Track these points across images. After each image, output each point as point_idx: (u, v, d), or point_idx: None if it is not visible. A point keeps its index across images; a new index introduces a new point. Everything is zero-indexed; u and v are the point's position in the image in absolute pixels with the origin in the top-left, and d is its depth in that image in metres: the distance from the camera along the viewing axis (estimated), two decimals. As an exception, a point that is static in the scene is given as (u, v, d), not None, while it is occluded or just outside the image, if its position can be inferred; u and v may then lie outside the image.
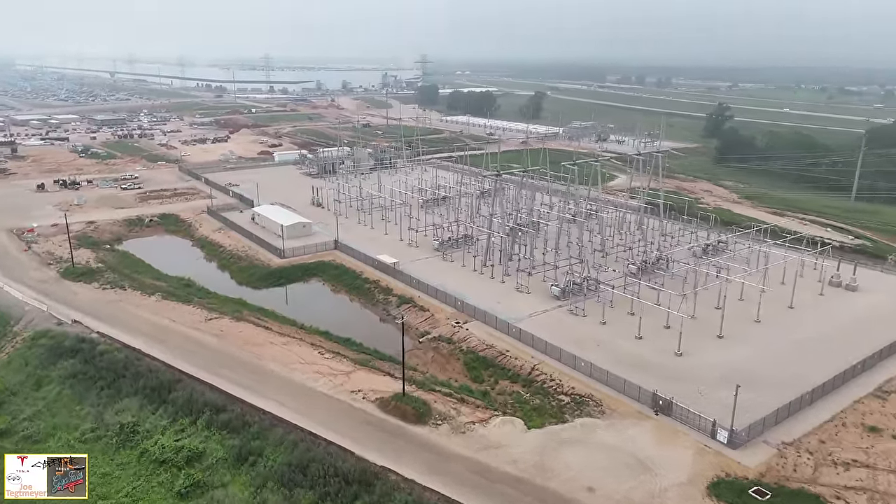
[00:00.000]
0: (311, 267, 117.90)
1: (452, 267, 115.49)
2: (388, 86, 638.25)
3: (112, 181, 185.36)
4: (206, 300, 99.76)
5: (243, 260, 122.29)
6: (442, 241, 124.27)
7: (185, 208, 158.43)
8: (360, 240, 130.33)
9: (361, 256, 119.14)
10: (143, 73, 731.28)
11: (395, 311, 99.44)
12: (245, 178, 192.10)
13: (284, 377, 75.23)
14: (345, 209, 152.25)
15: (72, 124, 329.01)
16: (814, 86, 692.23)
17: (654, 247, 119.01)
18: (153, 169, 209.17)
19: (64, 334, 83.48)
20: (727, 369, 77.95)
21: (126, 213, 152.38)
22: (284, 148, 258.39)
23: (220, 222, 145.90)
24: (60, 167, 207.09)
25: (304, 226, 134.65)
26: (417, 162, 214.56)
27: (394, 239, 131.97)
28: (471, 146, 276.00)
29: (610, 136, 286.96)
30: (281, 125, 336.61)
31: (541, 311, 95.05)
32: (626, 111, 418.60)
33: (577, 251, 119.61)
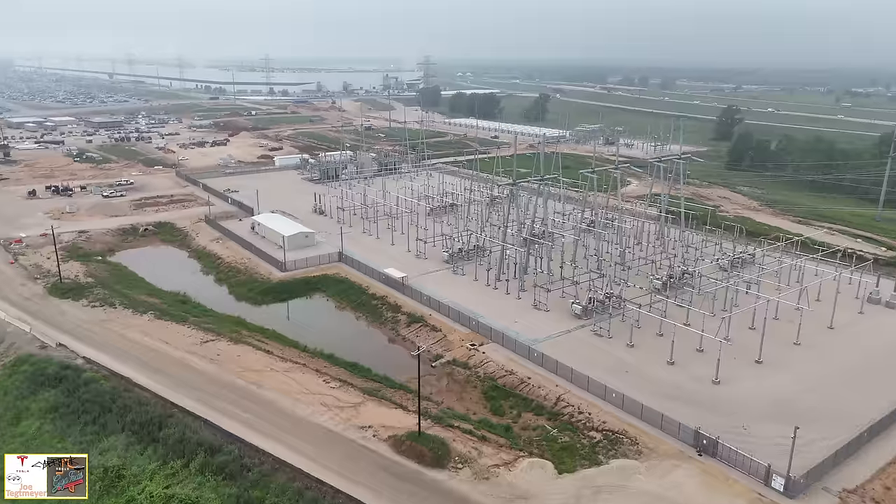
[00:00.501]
0: (314, 281, 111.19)
1: (464, 281, 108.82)
2: (390, 87, 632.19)
3: (107, 187, 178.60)
4: (202, 319, 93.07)
5: (242, 273, 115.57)
6: (452, 253, 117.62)
7: (181, 216, 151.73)
8: (366, 251, 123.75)
9: (367, 270, 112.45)
10: (141, 75, 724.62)
11: (405, 330, 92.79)
12: (244, 183, 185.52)
13: (287, 410, 68.48)
14: (349, 217, 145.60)
15: (68, 127, 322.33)
16: (819, 88, 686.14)
17: (678, 260, 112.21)
18: (149, 174, 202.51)
19: (47, 360, 76.73)
20: (770, 400, 71.44)
21: (120, 222, 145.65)
22: (285, 152, 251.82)
23: (219, 232, 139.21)
24: (54, 172, 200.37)
25: (306, 236, 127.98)
26: (422, 167, 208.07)
27: (401, 250, 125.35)
28: (477, 150, 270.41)
29: (619, 140, 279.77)
30: (281, 128, 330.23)
31: (562, 332, 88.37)
32: (631, 113, 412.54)
33: (597, 264, 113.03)
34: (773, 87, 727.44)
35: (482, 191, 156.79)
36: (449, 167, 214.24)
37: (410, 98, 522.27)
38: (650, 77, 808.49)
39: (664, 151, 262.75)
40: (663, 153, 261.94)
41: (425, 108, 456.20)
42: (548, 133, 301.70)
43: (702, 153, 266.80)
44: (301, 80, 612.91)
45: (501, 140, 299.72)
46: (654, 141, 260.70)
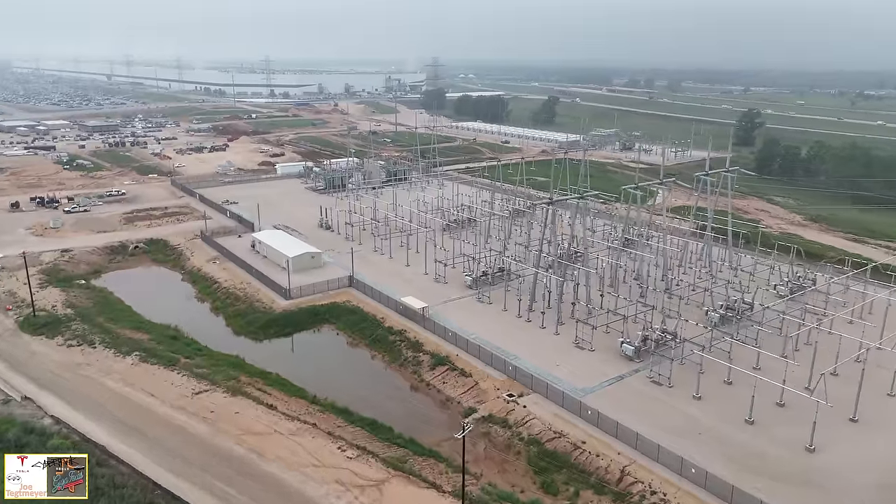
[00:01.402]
0: (322, 311, 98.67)
1: (491, 311, 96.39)
2: (392, 89, 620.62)
3: (96, 198, 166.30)
4: (195, 361, 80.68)
5: (241, 301, 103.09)
6: (476, 278, 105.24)
7: (176, 232, 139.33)
8: (379, 274, 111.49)
9: (382, 297, 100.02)
10: (140, 76, 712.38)
11: (429, 374, 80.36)
12: (244, 193, 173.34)
13: (294, 492, 56.05)
14: (358, 233, 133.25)
15: (61, 131, 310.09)
16: (829, 90, 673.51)
17: (733, 286, 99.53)
18: (143, 183, 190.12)
19: (8, 421, 64.26)
20: (880, 472, 59.21)
21: (108, 239, 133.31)
22: (287, 158, 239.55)
23: (216, 250, 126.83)
24: (41, 181, 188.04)
25: (312, 257, 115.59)
26: (434, 175, 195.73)
27: (417, 272, 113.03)
28: (498, 160, 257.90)
29: (635, 145, 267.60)
30: (283, 132, 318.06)
31: (613, 379, 75.98)
32: (642, 117, 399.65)
33: (640, 291, 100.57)
34: (782, 89, 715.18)
35: (502, 203, 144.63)
36: (461, 175, 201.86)
37: (414, 101, 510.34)
38: (655, 79, 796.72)
39: (686, 157, 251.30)
40: (685, 159, 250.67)
41: (430, 110, 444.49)
42: (561, 138, 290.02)
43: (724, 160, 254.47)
44: (301, 81, 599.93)
45: (512, 145, 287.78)
46: (675, 146, 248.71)
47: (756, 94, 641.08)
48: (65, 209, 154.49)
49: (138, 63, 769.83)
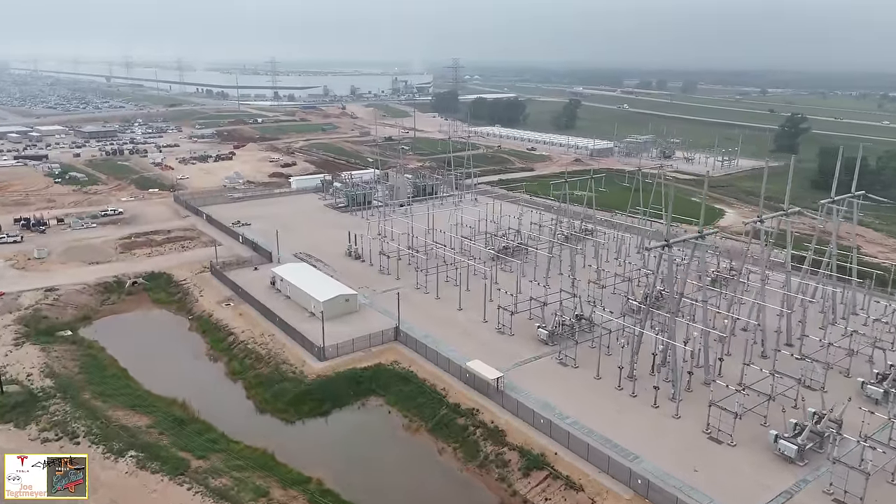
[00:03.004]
0: (365, 377, 78.58)
1: (581, 380, 76.44)
2: (399, 91, 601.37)
3: (90, 219, 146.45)
4: (211, 462, 60.81)
5: (264, 361, 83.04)
6: (552, 331, 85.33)
7: (180, 262, 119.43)
8: (428, 321, 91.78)
9: (441, 360, 79.98)
10: (139, 78, 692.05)
11: (522, 484, 60.28)
12: (256, 212, 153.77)
13: None
14: (395, 266, 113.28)
15: (55, 137, 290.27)
16: (851, 92, 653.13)
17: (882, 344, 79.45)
18: (143, 199, 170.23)
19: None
20: None
21: (101, 272, 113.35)
22: (300, 168, 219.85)
23: (228, 287, 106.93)
24: (29, 197, 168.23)
25: (346, 300, 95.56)
26: (467, 189, 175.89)
27: (473, 318, 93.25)
28: (518, 165, 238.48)
29: (675, 153, 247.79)
30: (291, 138, 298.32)
31: (781, 496, 56.05)
32: (667, 120, 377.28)
33: (770, 353, 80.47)
34: (799, 90, 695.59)
35: (556, 225, 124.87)
36: (493, 188, 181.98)
37: (425, 103, 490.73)
38: (668, 80, 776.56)
39: (734, 167, 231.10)
40: (733, 169, 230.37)
41: (442, 114, 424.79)
42: (592, 145, 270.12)
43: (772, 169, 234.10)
44: (306, 83, 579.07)
45: (539, 152, 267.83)
46: (722, 155, 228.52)
47: (775, 97, 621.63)
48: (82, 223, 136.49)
49: (138, 64, 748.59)
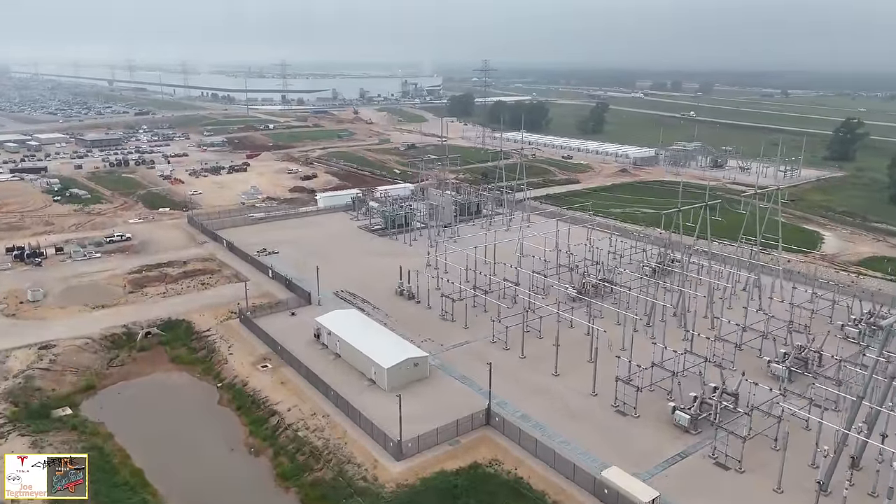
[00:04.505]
0: (461, 488, 58.24)
1: (750, 489, 57.07)
2: (409, 94, 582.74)
3: (93, 246, 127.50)
4: None
5: (322, 459, 63.42)
6: (695, 415, 65.88)
7: (201, 304, 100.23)
8: (520, 393, 72.94)
9: (559, 462, 60.35)
10: (142, 81, 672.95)
11: None
12: (283, 236, 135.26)
13: None
14: (464, 313, 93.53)
15: (55, 146, 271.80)
16: (877, 93, 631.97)
17: None
18: (153, 221, 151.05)
19: None
20: None
21: (107, 320, 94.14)
22: (323, 182, 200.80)
23: (262, 341, 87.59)
24: (24, 219, 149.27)
25: (416, 364, 76.22)
26: (516, 206, 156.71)
27: (575, 388, 74.23)
28: (561, 177, 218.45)
29: (727, 162, 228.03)
30: (307, 146, 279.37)
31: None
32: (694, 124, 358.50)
33: None
34: (824, 91, 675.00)
35: (644, 256, 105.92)
36: (544, 205, 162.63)
37: (439, 107, 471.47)
38: (683, 81, 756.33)
39: (797, 177, 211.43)
40: (797, 180, 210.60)
41: (458, 118, 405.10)
42: (633, 153, 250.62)
43: (837, 179, 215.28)
44: (314, 86, 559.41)
45: (577, 161, 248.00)
46: (785, 164, 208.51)
47: (800, 98, 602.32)
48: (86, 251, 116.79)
49: (140, 67, 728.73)
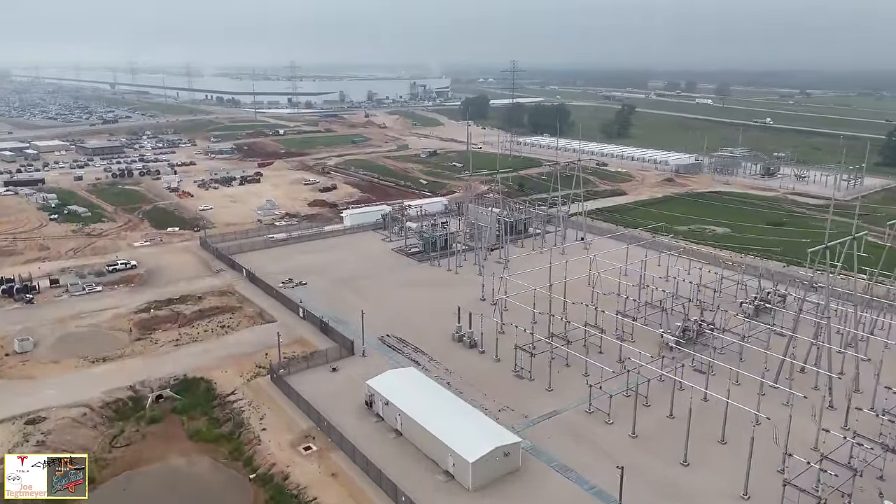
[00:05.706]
0: None
1: None
2: (418, 96, 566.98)
3: (93, 277, 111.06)
4: None
5: None
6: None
7: (222, 356, 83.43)
8: (645, 491, 55.83)
9: None
10: (145, 84, 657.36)
11: None
12: (307, 261, 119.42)
13: None
14: (539, 365, 76.83)
15: (55, 154, 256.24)
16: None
17: None
18: (161, 243, 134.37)
19: None
20: None
21: (110, 379, 77.33)
22: (342, 193, 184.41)
23: (301, 411, 70.69)
24: (16, 242, 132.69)
25: (506, 454, 59.21)
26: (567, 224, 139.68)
27: (718, 487, 57.37)
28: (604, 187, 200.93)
29: (780, 169, 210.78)
30: (321, 153, 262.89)
31: None
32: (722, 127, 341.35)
33: None
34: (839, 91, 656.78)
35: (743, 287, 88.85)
36: (601, 222, 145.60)
37: (452, 109, 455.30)
38: (697, 81, 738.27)
39: (860, 187, 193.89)
40: (861, 190, 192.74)
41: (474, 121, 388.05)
42: (672, 159, 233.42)
43: None
44: (321, 89, 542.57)
45: (611, 168, 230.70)
46: (848, 173, 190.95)
47: (820, 98, 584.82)
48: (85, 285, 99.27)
49: (143, 70, 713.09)
